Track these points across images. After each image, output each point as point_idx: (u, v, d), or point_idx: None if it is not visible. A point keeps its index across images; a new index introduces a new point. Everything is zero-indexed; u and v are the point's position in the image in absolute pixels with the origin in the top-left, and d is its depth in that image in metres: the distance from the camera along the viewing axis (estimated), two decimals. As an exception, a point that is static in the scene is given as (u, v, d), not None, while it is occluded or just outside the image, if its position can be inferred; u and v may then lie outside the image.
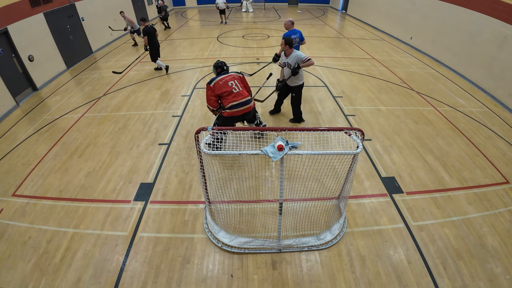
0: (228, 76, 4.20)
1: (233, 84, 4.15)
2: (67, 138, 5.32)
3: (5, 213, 3.75)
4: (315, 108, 6.26)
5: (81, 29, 9.74)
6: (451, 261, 3.11)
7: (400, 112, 6.11)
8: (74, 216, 3.67)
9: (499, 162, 4.67)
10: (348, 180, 3.29)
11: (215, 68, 4.42)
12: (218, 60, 4.47)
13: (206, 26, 14.49)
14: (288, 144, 2.57)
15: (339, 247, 3.27)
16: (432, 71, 8.53)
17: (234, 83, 4.16)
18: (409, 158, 4.71)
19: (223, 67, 4.40)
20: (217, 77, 4.19)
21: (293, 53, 4.82)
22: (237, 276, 2.97)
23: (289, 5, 20.86)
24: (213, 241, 3.30)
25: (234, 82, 4.16)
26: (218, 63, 4.43)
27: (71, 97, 7.00)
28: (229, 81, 4.14)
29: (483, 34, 7.24)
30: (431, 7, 9.41)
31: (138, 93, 7.08)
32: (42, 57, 7.62)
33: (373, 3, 13.93)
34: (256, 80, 7.44)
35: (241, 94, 4.17)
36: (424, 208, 3.79)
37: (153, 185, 4.17)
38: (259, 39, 11.69)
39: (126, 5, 13.16)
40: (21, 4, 7.05)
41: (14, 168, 4.59)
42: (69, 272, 3.01)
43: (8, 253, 3.21)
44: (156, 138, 5.22)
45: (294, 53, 4.81)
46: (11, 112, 6.34)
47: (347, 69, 8.46)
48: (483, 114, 6.16)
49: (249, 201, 3.81)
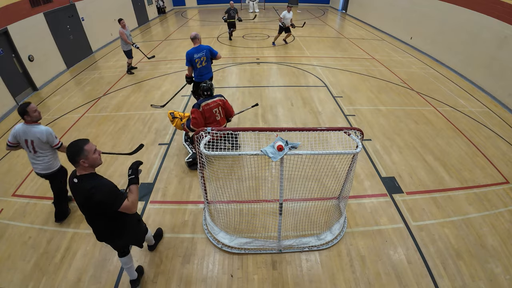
0: (214, 102, 4.10)
1: (217, 112, 4.14)
2: (67, 138, 5.31)
3: (5, 213, 3.75)
4: (315, 108, 6.26)
5: (81, 29, 9.74)
6: (451, 261, 3.11)
7: (400, 112, 6.11)
8: (74, 216, 3.67)
9: (499, 162, 4.67)
10: (348, 180, 3.29)
11: (205, 91, 4.08)
12: (207, 82, 4.13)
13: (206, 26, 14.49)
14: (288, 144, 2.57)
15: (339, 247, 3.27)
16: (432, 71, 8.53)
17: (218, 110, 4.14)
18: (409, 158, 4.71)
19: (212, 91, 4.11)
20: (204, 101, 4.06)
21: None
22: (237, 276, 2.97)
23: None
24: (213, 242, 3.30)
25: (218, 110, 4.14)
26: (207, 87, 4.09)
27: (71, 97, 7.00)
28: (214, 108, 4.10)
29: (483, 34, 7.24)
30: (431, 7, 9.41)
31: (138, 93, 7.08)
32: (42, 57, 7.62)
33: (373, 3, 13.93)
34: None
35: (220, 122, 4.21)
36: (424, 208, 3.79)
37: (153, 185, 4.17)
38: (259, 39, 11.69)
39: (126, 5, 13.17)
40: (21, 4, 7.05)
41: (14, 168, 4.59)
42: (69, 272, 3.01)
43: (8, 253, 3.21)
44: (156, 138, 5.22)
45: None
46: (11, 112, 6.34)
47: (347, 69, 8.46)
48: (483, 114, 6.16)
49: (249, 201, 3.81)
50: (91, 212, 2.17)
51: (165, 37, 12.50)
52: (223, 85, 7.44)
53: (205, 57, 5.06)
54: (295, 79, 7.83)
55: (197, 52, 4.99)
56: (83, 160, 2.04)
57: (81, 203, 2.12)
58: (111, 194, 2.07)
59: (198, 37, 5.11)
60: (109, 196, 2.06)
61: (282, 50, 10.38)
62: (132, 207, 2.16)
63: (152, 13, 16.29)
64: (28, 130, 3.02)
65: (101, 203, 2.03)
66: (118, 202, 2.09)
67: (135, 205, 2.19)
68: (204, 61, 5.07)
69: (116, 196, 2.10)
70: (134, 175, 2.28)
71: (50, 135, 3.09)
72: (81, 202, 2.11)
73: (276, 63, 8.97)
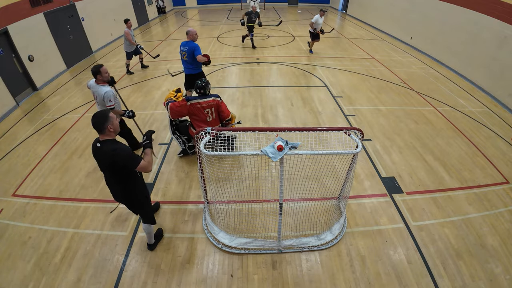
0: (206, 102, 3.95)
1: (209, 113, 4.01)
2: (67, 138, 5.32)
3: (5, 213, 3.75)
4: (315, 108, 6.26)
5: (81, 29, 9.74)
6: (451, 261, 3.11)
7: (400, 112, 6.11)
8: (74, 216, 3.67)
9: (499, 162, 4.67)
10: (348, 180, 3.29)
11: (198, 89, 3.99)
12: (203, 80, 4.02)
13: (206, 26, 14.49)
14: (288, 144, 2.57)
15: (339, 247, 3.27)
16: (432, 71, 8.53)
17: (210, 111, 4.00)
18: (409, 158, 4.71)
19: (206, 90, 4.01)
20: (196, 99, 3.93)
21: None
22: (237, 276, 2.97)
23: (289, 5, 20.87)
24: (213, 242, 3.30)
25: (210, 111, 4.00)
26: (201, 84, 3.98)
27: (71, 97, 7.00)
28: (206, 108, 3.97)
29: (483, 34, 7.24)
30: (431, 7, 9.41)
31: (138, 93, 7.08)
32: (42, 57, 7.62)
33: (373, 3, 13.94)
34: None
35: (211, 124, 4.07)
36: (424, 208, 3.79)
37: (153, 185, 4.17)
38: (259, 39, 11.68)
39: (126, 5, 13.17)
40: (21, 4, 7.05)
41: (14, 168, 4.59)
42: (69, 272, 3.01)
43: (8, 253, 3.21)
44: (156, 138, 5.22)
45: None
46: (11, 112, 6.34)
47: (347, 69, 8.46)
48: (483, 114, 6.16)
49: (249, 201, 3.81)
50: (112, 171, 2.52)
51: (165, 37, 12.51)
52: (223, 85, 7.44)
53: (185, 53, 5.24)
54: (295, 79, 7.83)
55: (184, 46, 5.26)
56: (110, 126, 2.38)
57: (104, 164, 2.48)
58: (130, 155, 2.42)
59: (190, 33, 5.27)
60: (129, 156, 2.40)
61: (282, 50, 10.38)
62: (148, 166, 2.50)
63: (152, 13, 16.30)
64: (96, 88, 3.84)
65: (122, 162, 2.39)
66: (136, 161, 2.43)
67: (150, 165, 2.53)
68: (185, 56, 5.28)
69: (134, 157, 2.44)
70: (149, 141, 2.67)
71: (106, 97, 3.77)
72: (104, 163, 2.48)
73: (276, 63, 8.97)
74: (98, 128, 2.35)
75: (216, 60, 9.04)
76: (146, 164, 2.48)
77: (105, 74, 3.78)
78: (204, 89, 3.99)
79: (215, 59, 9.13)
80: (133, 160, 2.41)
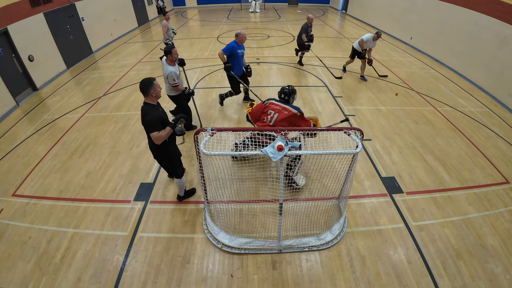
0: (278, 106, 3.77)
1: (272, 114, 3.77)
2: (67, 138, 5.32)
3: (5, 213, 3.75)
4: (315, 108, 6.26)
5: (81, 29, 9.74)
6: (451, 261, 3.11)
7: (400, 112, 6.11)
8: (74, 216, 3.67)
9: (499, 162, 4.67)
10: (348, 180, 3.29)
11: (283, 94, 3.87)
12: (290, 87, 3.88)
13: (206, 26, 14.49)
14: (288, 144, 2.58)
15: (339, 247, 3.27)
16: (432, 71, 8.53)
17: (273, 115, 3.77)
18: (409, 158, 4.71)
19: (290, 98, 3.86)
20: (272, 100, 3.88)
21: None
22: (237, 276, 2.97)
23: (289, 5, 20.86)
24: (213, 242, 3.30)
25: (274, 115, 3.76)
26: (285, 90, 3.85)
27: (71, 97, 7.00)
28: (272, 110, 3.79)
29: (483, 34, 7.24)
30: (431, 7, 9.41)
31: (138, 92, 7.07)
32: (42, 57, 7.62)
33: (373, 3, 13.93)
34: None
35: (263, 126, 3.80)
36: (424, 208, 3.79)
37: (153, 185, 4.17)
38: (259, 39, 11.69)
39: (126, 5, 13.17)
40: (21, 4, 7.05)
41: (14, 168, 4.59)
42: (69, 272, 3.01)
43: (8, 253, 3.21)
44: (156, 138, 5.21)
45: None
46: (11, 112, 6.34)
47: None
48: (483, 114, 6.16)
49: (249, 201, 3.81)
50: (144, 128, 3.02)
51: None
52: (223, 85, 7.44)
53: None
54: (295, 79, 7.83)
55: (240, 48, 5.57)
56: (153, 91, 2.88)
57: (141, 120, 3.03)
58: (151, 122, 2.89)
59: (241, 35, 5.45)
60: (150, 122, 2.89)
61: (282, 50, 10.38)
62: (158, 138, 2.91)
63: (152, 13, 16.29)
64: (165, 66, 4.38)
65: (144, 124, 2.95)
66: (151, 129, 2.89)
67: (161, 138, 2.94)
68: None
69: (152, 125, 2.89)
70: (174, 122, 3.05)
71: (170, 76, 4.36)
72: (141, 120, 3.03)
73: (276, 63, 8.97)
74: (143, 91, 2.87)
75: (216, 60, 9.04)
76: (156, 136, 2.89)
77: (175, 55, 4.33)
78: (287, 96, 3.85)
79: (215, 59, 9.14)
80: (149, 127, 2.88)
